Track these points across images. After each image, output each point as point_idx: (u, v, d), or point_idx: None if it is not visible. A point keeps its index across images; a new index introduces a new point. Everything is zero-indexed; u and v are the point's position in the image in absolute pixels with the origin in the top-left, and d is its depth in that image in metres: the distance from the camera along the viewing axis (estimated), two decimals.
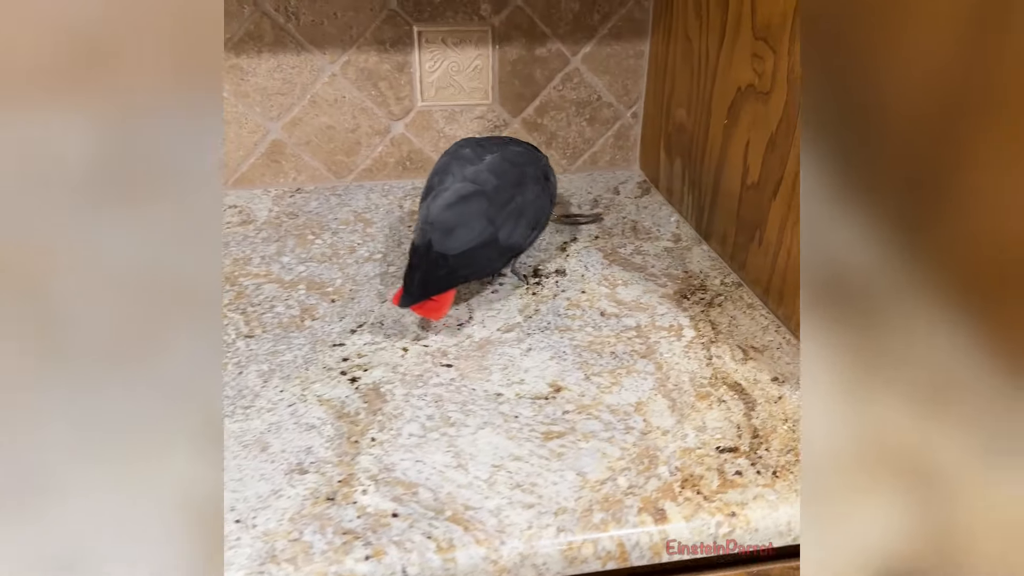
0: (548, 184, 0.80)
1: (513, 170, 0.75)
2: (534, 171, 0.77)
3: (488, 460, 0.55)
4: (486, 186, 0.73)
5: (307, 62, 0.96)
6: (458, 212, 0.71)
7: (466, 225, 0.71)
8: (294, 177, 1.02)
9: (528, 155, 0.79)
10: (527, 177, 0.76)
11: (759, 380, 0.64)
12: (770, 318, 0.73)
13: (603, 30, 1.01)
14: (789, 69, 0.67)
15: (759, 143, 0.73)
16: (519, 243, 0.75)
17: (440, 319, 0.71)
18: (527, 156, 0.79)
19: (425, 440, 0.57)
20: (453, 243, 0.70)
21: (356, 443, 0.57)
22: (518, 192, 0.74)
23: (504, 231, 0.73)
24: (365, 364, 0.66)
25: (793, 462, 0.55)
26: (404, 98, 1.00)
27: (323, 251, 0.85)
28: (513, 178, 0.75)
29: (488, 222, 0.72)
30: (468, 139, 0.82)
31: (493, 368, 0.66)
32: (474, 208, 0.72)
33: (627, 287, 0.79)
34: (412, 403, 0.61)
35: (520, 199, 0.74)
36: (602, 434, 0.58)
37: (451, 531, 0.49)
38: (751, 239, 0.77)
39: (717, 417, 0.60)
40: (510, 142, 0.81)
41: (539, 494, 0.52)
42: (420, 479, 0.53)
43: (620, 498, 0.52)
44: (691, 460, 0.55)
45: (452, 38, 0.98)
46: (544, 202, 0.78)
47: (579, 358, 0.67)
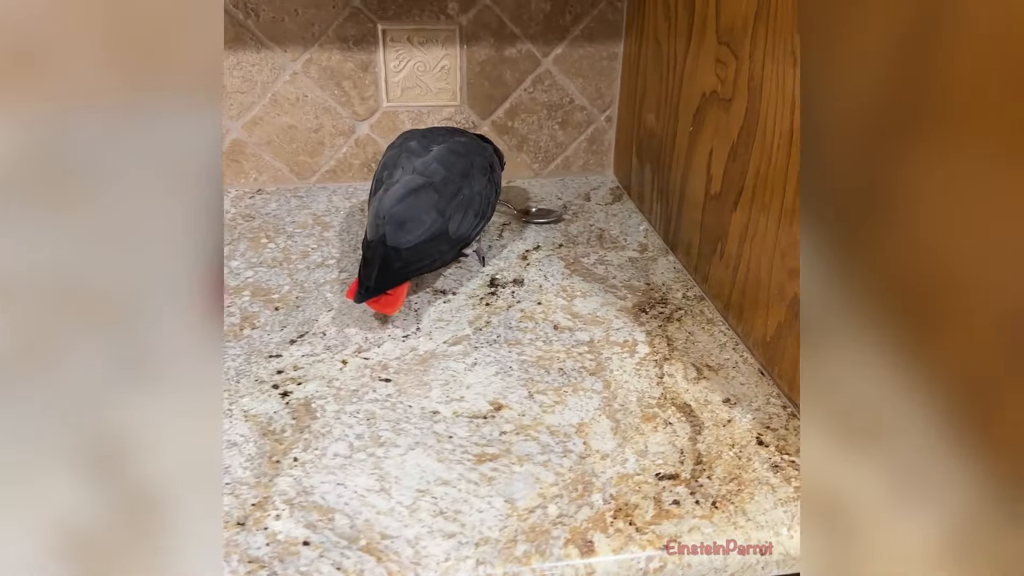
0: (494, 174, 0.80)
1: (460, 160, 0.75)
2: (480, 161, 0.78)
3: (414, 484, 0.52)
4: (434, 178, 0.73)
5: (267, 60, 0.93)
6: (409, 205, 0.71)
7: (417, 218, 0.70)
8: (255, 178, 1.00)
9: (473, 145, 0.79)
10: (474, 167, 0.76)
11: (710, 401, 0.61)
12: (729, 334, 0.70)
13: (575, 31, 0.98)
14: (750, 76, 0.64)
15: (722, 152, 0.70)
16: (467, 234, 0.76)
17: (395, 313, 0.70)
18: (473, 146, 0.79)
19: (350, 461, 0.54)
20: (406, 236, 0.70)
21: (277, 463, 0.54)
22: (465, 183, 0.74)
23: (454, 222, 0.73)
24: (300, 377, 0.63)
25: (735, 491, 0.52)
26: (369, 98, 0.97)
27: (275, 255, 0.82)
28: (461, 168, 0.75)
29: (439, 214, 0.72)
30: (413, 131, 0.82)
31: (434, 384, 0.63)
32: (424, 201, 0.71)
33: (585, 299, 0.76)
34: (343, 420, 0.58)
35: (468, 190, 0.74)
36: (538, 457, 0.55)
37: (363, 562, 0.46)
38: (713, 251, 0.74)
39: (661, 441, 0.57)
40: (455, 132, 0.81)
41: (462, 522, 0.49)
42: (339, 504, 0.50)
43: (548, 528, 0.49)
44: (628, 487, 0.52)
45: (418, 37, 0.95)
46: (490, 192, 0.79)
47: (525, 374, 0.64)
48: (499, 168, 0.83)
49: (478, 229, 0.77)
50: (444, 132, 0.80)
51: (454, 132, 0.81)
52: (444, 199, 0.72)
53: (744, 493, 0.52)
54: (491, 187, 0.79)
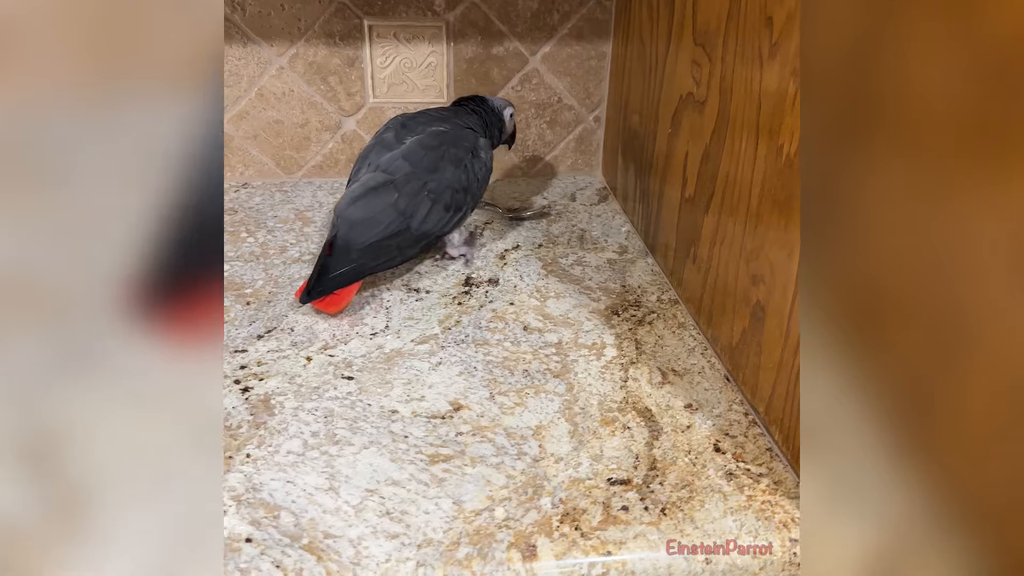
0: (476, 161, 0.77)
1: (429, 154, 0.74)
2: (455, 152, 0.75)
3: (363, 484, 0.52)
4: (396, 175, 0.72)
5: (253, 54, 0.94)
6: (365, 205, 0.71)
7: (373, 219, 0.70)
8: (241, 171, 1.00)
9: (452, 135, 0.77)
10: (445, 159, 0.74)
11: (671, 406, 0.61)
12: (699, 339, 0.70)
13: (563, 30, 0.97)
14: (721, 77, 0.63)
15: (696, 154, 0.70)
16: (435, 229, 0.74)
17: (335, 313, 0.70)
18: (450, 136, 0.76)
19: (303, 459, 0.54)
20: (359, 236, 0.70)
21: (230, 459, 0.54)
22: (431, 177, 0.73)
23: (416, 219, 0.72)
24: (263, 373, 0.63)
25: (686, 499, 0.52)
26: (355, 94, 0.97)
27: (252, 250, 0.83)
28: (428, 163, 0.74)
29: (398, 213, 0.71)
30: (399, 117, 0.81)
31: (396, 382, 0.63)
32: (383, 200, 0.71)
33: (559, 300, 0.75)
34: (300, 417, 0.58)
35: (434, 184, 0.73)
36: (491, 459, 0.55)
37: (303, 560, 0.46)
38: (687, 255, 0.73)
39: (617, 445, 0.56)
40: (440, 119, 0.79)
41: (408, 523, 0.49)
42: (286, 502, 0.50)
43: (492, 531, 0.49)
44: (578, 492, 0.52)
45: (404, 33, 0.95)
46: (465, 182, 0.76)
47: (489, 375, 0.64)
48: (486, 155, 0.79)
49: (451, 223, 0.76)
50: (428, 119, 0.78)
51: (439, 119, 0.79)
52: (405, 197, 0.72)
53: (695, 500, 0.52)
54: (469, 176, 0.76)
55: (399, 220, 0.71)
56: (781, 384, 0.55)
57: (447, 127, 0.78)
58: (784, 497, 0.52)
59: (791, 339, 0.53)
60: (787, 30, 0.52)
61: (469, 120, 0.81)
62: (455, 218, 0.76)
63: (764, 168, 0.56)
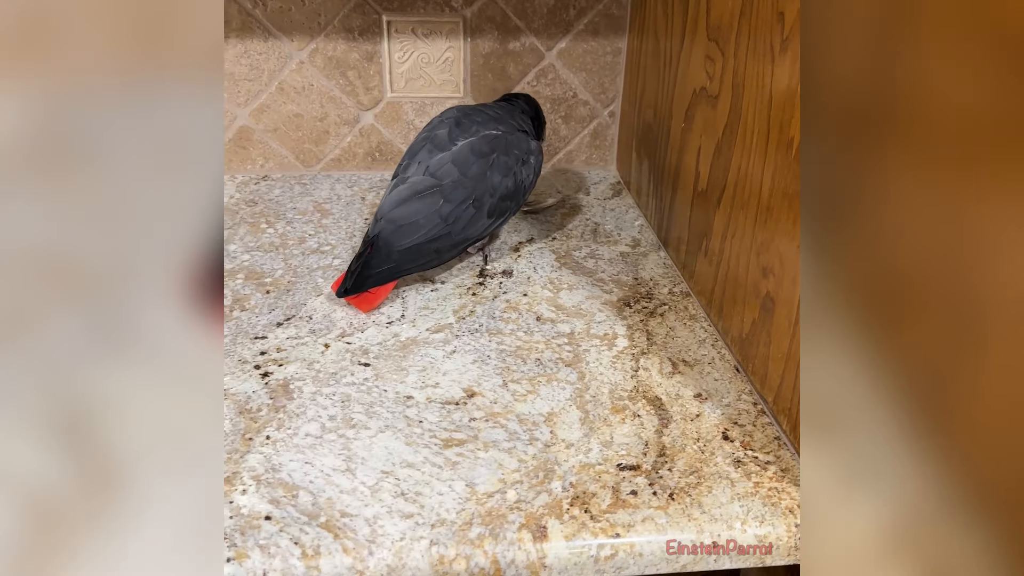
0: (525, 168, 0.77)
1: (479, 162, 0.74)
2: (505, 159, 0.75)
3: (379, 466, 0.54)
4: (444, 180, 0.73)
5: (274, 49, 0.95)
6: (411, 209, 0.72)
7: (416, 223, 0.71)
8: (262, 164, 1.02)
9: (504, 140, 0.76)
10: (494, 167, 0.74)
11: (681, 396, 0.62)
12: (709, 331, 0.71)
13: (579, 25, 0.98)
14: (734, 73, 0.64)
15: (709, 148, 0.71)
16: (474, 234, 0.75)
17: (368, 311, 0.71)
18: (502, 142, 0.76)
19: (321, 441, 0.56)
20: (401, 239, 0.71)
21: (250, 440, 0.56)
22: (479, 184, 0.73)
23: (458, 225, 0.73)
24: (282, 359, 0.65)
25: (694, 484, 0.53)
26: (373, 88, 0.99)
27: (272, 240, 0.84)
28: (477, 171, 0.74)
29: (441, 219, 0.72)
30: (454, 111, 0.80)
31: (411, 370, 0.64)
32: (428, 204, 0.72)
33: (571, 292, 0.76)
34: (318, 402, 0.60)
35: (479, 191, 0.73)
36: (504, 444, 0.56)
37: (321, 537, 0.48)
38: (699, 248, 0.74)
39: (627, 432, 0.57)
40: (493, 119, 0.78)
41: (422, 504, 0.51)
42: (304, 482, 0.52)
43: (504, 512, 0.50)
44: (588, 476, 0.53)
45: (422, 29, 0.96)
46: (512, 188, 0.76)
47: (502, 363, 0.65)
48: (536, 160, 0.79)
49: (490, 229, 0.76)
50: (484, 119, 0.78)
51: (494, 119, 0.78)
52: (451, 204, 0.72)
53: (703, 486, 0.53)
54: (516, 183, 0.76)
55: (442, 226, 0.72)
56: (789, 374, 0.56)
57: (501, 130, 0.77)
58: (791, 484, 0.53)
59: (799, 331, 0.54)
60: (798, 26, 0.53)
61: (523, 122, 0.80)
62: (497, 223, 0.77)
63: (775, 162, 0.57)
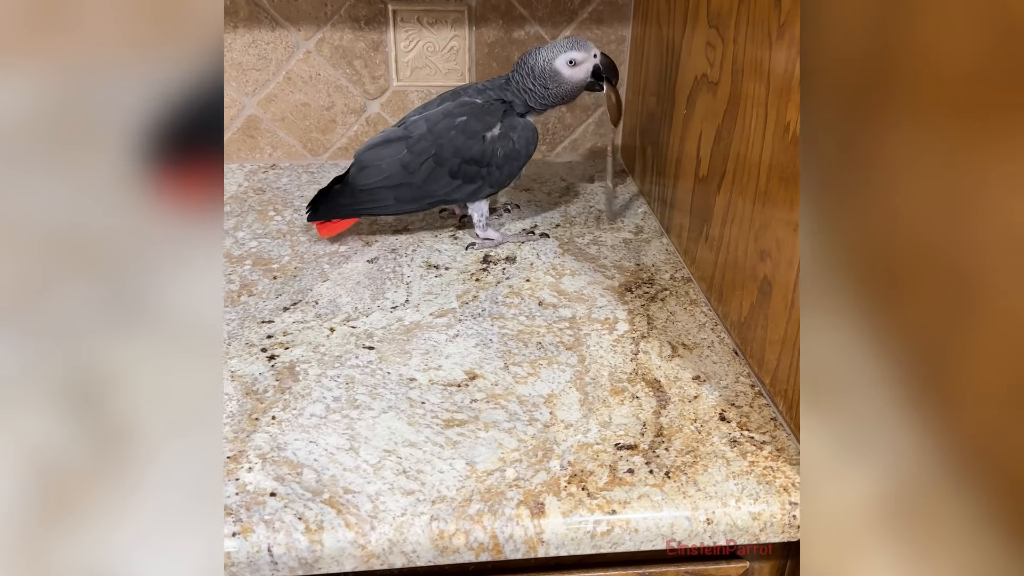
0: (499, 139, 0.78)
1: (445, 120, 0.78)
2: (473, 124, 0.78)
3: (382, 445, 0.55)
4: (413, 133, 0.78)
5: (282, 38, 0.96)
6: (377, 154, 0.79)
7: (379, 166, 0.78)
8: (270, 153, 1.03)
9: (480, 107, 0.78)
10: (458, 128, 0.78)
11: (680, 378, 0.63)
12: (710, 315, 0.71)
13: (583, 14, 0.99)
14: (733, 59, 0.65)
15: (709, 134, 0.71)
16: (439, 192, 0.79)
17: (325, 237, 0.82)
18: (476, 108, 0.78)
19: (325, 421, 0.57)
20: (362, 179, 0.79)
21: (256, 420, 0.57)
22: (442, 141, 0.77)
23: (418, 177, 0.78)
24: (288, 343, 0.66)
25: (690, 463, 0.54)
26: (379, 77, 1.00)
27: (280, 228, 0.86)
28: (442, 128, 0.78)
29: (402, 168, 0.78)
30: (461, 87, 0.83)
31: (414, 353, 0.65)
32: (392, 151, 0.78)
33: (573, 277, 0.77)
34: (323, 384, 0.61)
35: (443, 149, 0.77)
36: (504, 424, 0.57)
37: (324, 513, 0.49)
38: (700, 233, 0.75)
39: (625, 413, 0.58)
40: (480, 91, 0.80)
41: (423, 481, 0.52)
42: (308, 460, 0.53)
43: (503, 490, 0.51)
44: (586, 455, 0.54)
45: (427, 17, 0.97)
46: (478, 155, 0.78)
47: (504, 347, 0.66)
48: (515, 133, 0.79)
49: (463, 193, 0.80)
50: (474, 91, 0.80)
51: (480, 91, 0.80)
52: (411, 154, 0.78)
53: (698, 465, 0.54)
54: (485, 151, 0.78)
55: (402, 174, 0.78)
56: (786, 356, 0.57)
57: (481, 99, 0.79)
58: (786, 463, 0.54)
59: (795, 312, 0.55)
60: (794, 11, 0.54)
61: (517, 94, 0.79)
62: (467, 188, 0.79)
63: (772, 146, 0.58)
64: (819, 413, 0.45)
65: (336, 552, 0.48)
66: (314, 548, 0.48)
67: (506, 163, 0.80)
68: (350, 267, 0.78)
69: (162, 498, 0.38)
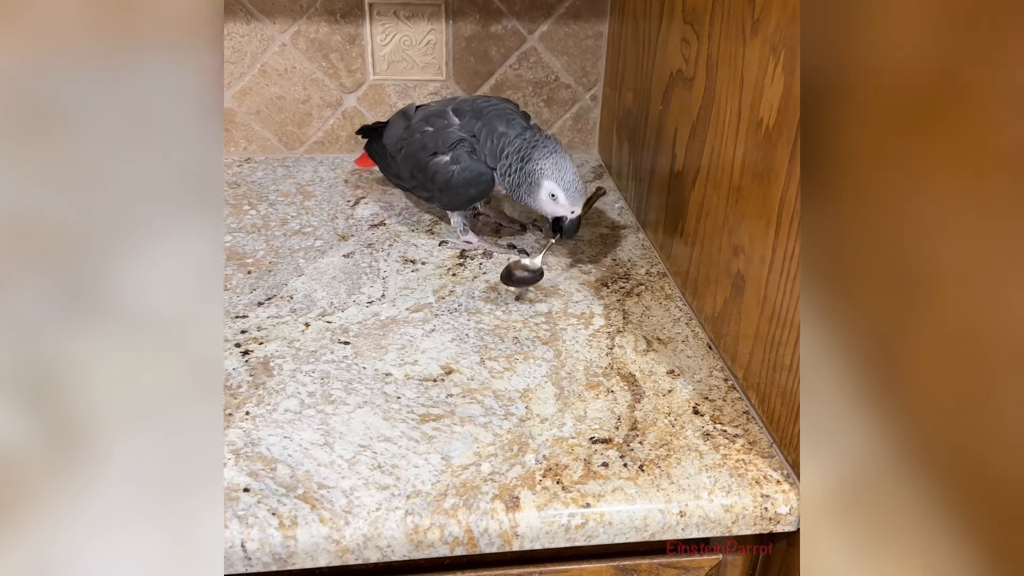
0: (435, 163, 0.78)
1: (421, 131, 0.80)
2: (431, 142, 0.79)
3: (357, 440, 0.55)
4: (413, 120, 0.82)
5: (257, 31, 0.95)
6: (395, 122, 0.84)
7: (390, 133, 0.84)
8: (245, 146, 1.02)
9: (439, 135, 0.78)
10: (416, 144, 0.80)
11: (654, 372, 0.63)
12: (684, 310, 0.72)
13: (561, 8, 0.99)
14: (708, 55, 0.65)
15: (684, 130, 0.72)
16: (403, 176, 0.83)
17: (356, 164, 0.95)
18: (435, 136, 0.78)
19: (299, 417, 0.57)
20: (386, 134, 0.85)
21: (230, 416, 0.57)
22: (410, 144, 0.81)
23: (397, 160, 0.83)
24: (262, 337, 0.66)
25: (664, 456, 0.54)
26: (356, 71, 0.99)
27: (254, 222, 0.85)
28: (418, 135, 0.80)
29: (394, 141, 0.83)
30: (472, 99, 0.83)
31: (390, 348, 0.65)
32: (397, 125, 0.83)
33: (550, 272, 0.77)
34: (298, 379, 0.61)
35: (405, 147, 0.81)
36: (480, 419, 0.57)
37: (298, 509, 0.49)
38: (675, 229, 0.75)
39: (601, 407, 0.59)
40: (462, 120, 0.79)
41: (398, 476, 0.52)
42: (283, 456, 0.53)
43: (478, 484, 0.51)
44: (561, 449, 0.54)
45: (404, 11, 0.96)
46: (420, 169, 0.80)
47: (480, 342, 0.66)
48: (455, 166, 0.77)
49: (420, 194, 0.83)
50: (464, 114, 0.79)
51: (462, 123, 0.78)
52: (401, 137, 0.82)
53: (672, 458, 0.54)
54: (426, 170, 0.79)
55: (393, 146, 0.83)
56: (758, 350, 0.58)
57: (452, 130, 0.78)
58: (758, 456, 0.55)
59: (767, 307, 0.56)
60: (767, 7, 0.54)
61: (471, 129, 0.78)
62: (423, 194, 0.82)
63: (745, 142, 0.58)
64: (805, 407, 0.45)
65: (310, 547, 0.48)
66: (288, 543, 0.48)
67: (445, 187, 0.78)
68: (326, 262, 0.78)
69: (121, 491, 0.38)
